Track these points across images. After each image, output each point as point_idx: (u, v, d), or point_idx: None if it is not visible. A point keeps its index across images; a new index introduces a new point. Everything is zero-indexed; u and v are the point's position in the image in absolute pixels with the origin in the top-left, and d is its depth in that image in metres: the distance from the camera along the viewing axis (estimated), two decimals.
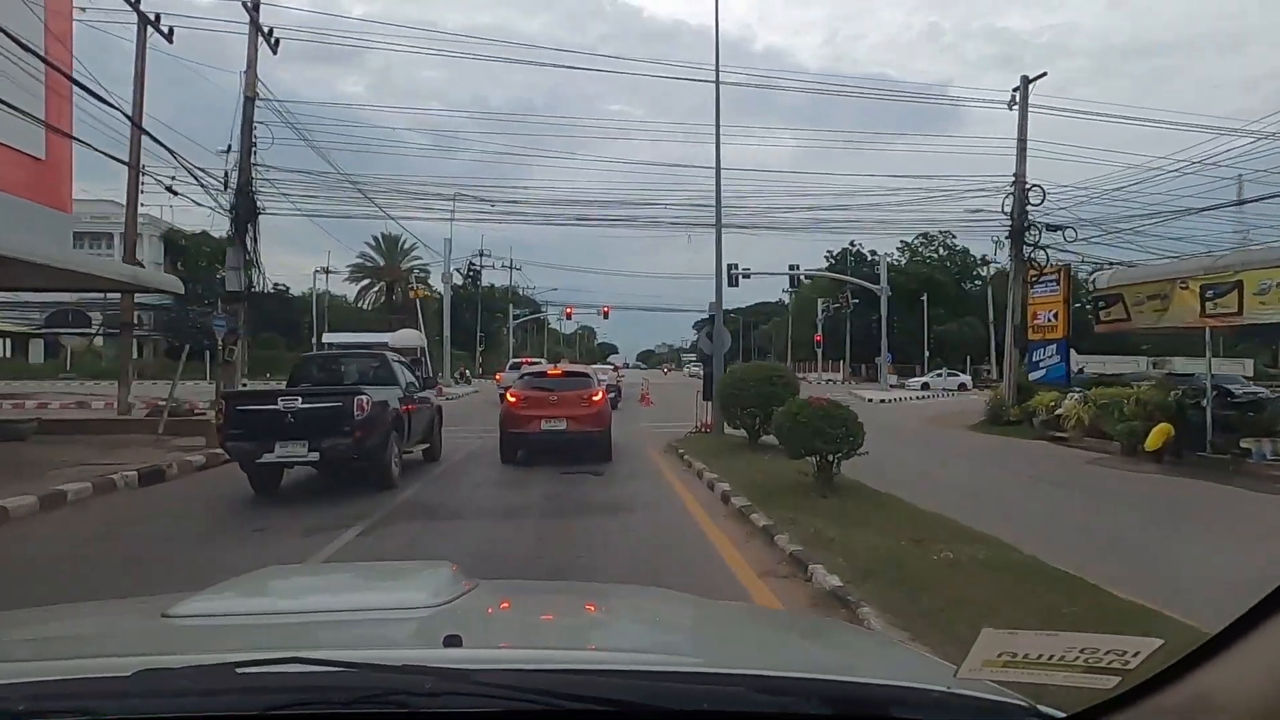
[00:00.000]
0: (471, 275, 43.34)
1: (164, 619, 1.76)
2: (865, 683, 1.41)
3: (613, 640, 1.99)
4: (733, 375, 14.34)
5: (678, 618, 2.25)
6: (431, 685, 1.16)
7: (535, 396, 14.61)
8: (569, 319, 65.09)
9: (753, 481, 10.82)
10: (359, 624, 1.81)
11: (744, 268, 43.17)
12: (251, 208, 21.64)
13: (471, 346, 61.82)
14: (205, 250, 67.62)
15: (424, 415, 14.48)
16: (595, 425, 14.43)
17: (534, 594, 2.72)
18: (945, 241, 72.23)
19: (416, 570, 2.70)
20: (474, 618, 1.89)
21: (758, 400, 13.84)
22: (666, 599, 2.65)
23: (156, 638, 1.71)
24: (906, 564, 6.40)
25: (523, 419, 14.42)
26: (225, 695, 1.17)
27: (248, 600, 2.12)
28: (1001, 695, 1.32)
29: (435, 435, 15.09)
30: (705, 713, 1.19)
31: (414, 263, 63.10)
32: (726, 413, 14.47)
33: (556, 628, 2.08)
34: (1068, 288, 25.48)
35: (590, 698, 1.16)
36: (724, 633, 2.07)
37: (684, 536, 8.48)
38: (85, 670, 1.34)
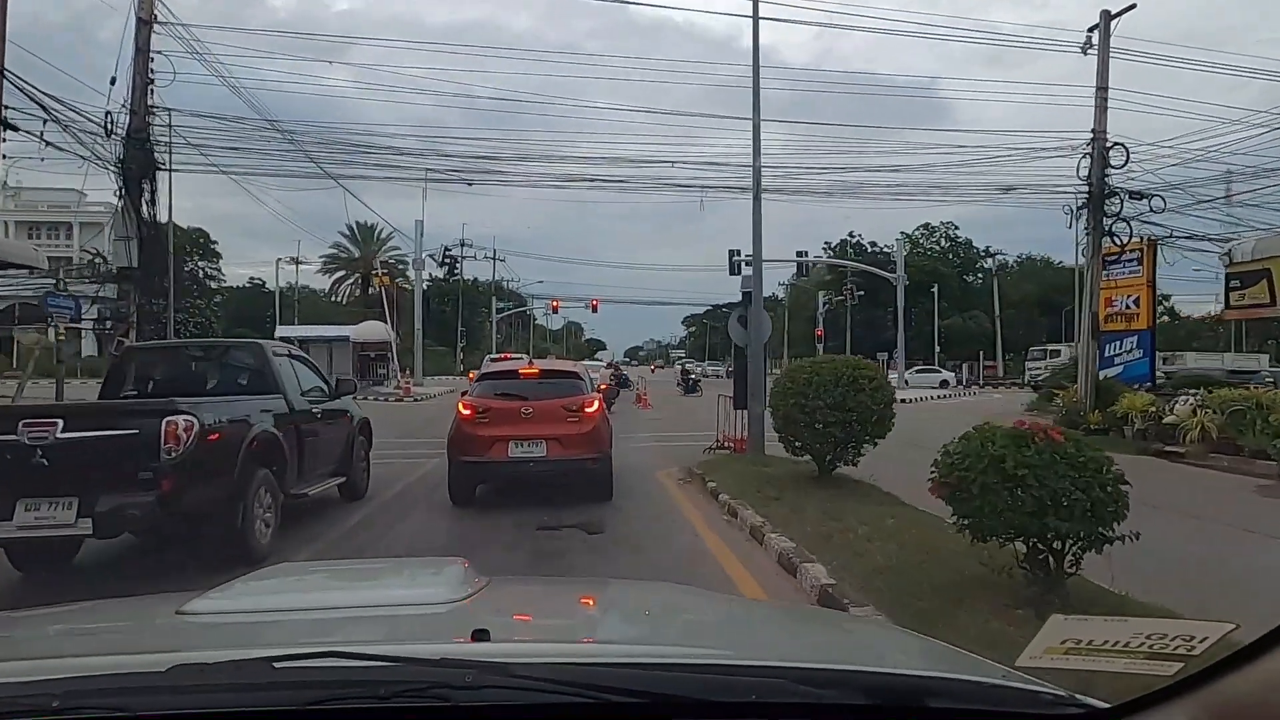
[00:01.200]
0: (448, 263, 38.34)
1: (179, 616, 1.67)
2: (902, 674, 1.35)
3: (640, 634, 1.89)
4: (795, 376, 9.35)
5: (701, 612, 2.17)
6: (472, 678, 1.11)
7: (500, 408, 9.63)
8: (555, 313, 60.15)
9: (884, 567, 5.90)
10: (381, 620, 1.72)
11: (747, 254, 38.24)
12: (147, 161, 16.56)
13: (452, 342, 56.76)
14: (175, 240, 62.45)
15: (333, 436, 9.49)
16: (589, 449, 9.48)
17: (549, 590, 2.65)
18: (947, 233, 67.86)
19: (430, 567, 2.61)
20: (496, 613, 1.80)
21: (836, 412, 8.88)
22: (686, 593, 2.63)
23: (179, 635, 1.63)
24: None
25: (481, 441, 9.44)
26: (264, 690, 1.12)
27: (262, 597, 2.00)
28: (1041, 686, 1.24)
29: (355, 463, 10.08)
30: (744, 705, 1.13)
31: (393, 253, 57.99)
32: (786, 428, 9.44)
33: (580, 622, 2.01)
34: (1152, 268, 20.73)
35: (632, 690, 1.11)
36: (753, 627, 2.02)
37: None
38: (118, 666, 1.26)
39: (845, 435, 8.99)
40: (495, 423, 9.52)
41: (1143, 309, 20.53)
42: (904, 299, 38.95)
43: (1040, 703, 1.20)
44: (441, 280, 61.35)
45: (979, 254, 67.61)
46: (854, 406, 8.86)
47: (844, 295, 53.45)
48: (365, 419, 10.77)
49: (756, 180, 11.92)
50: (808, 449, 9.45)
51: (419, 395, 29.95)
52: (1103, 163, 19.82)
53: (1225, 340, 52.45)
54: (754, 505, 8.57)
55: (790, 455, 10.06)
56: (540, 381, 10.01)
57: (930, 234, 65.26)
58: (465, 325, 59.30)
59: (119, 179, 16.35)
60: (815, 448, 9.30)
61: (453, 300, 57.57)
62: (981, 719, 1.19)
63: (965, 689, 1.25)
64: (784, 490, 9.28)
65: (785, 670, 1.25)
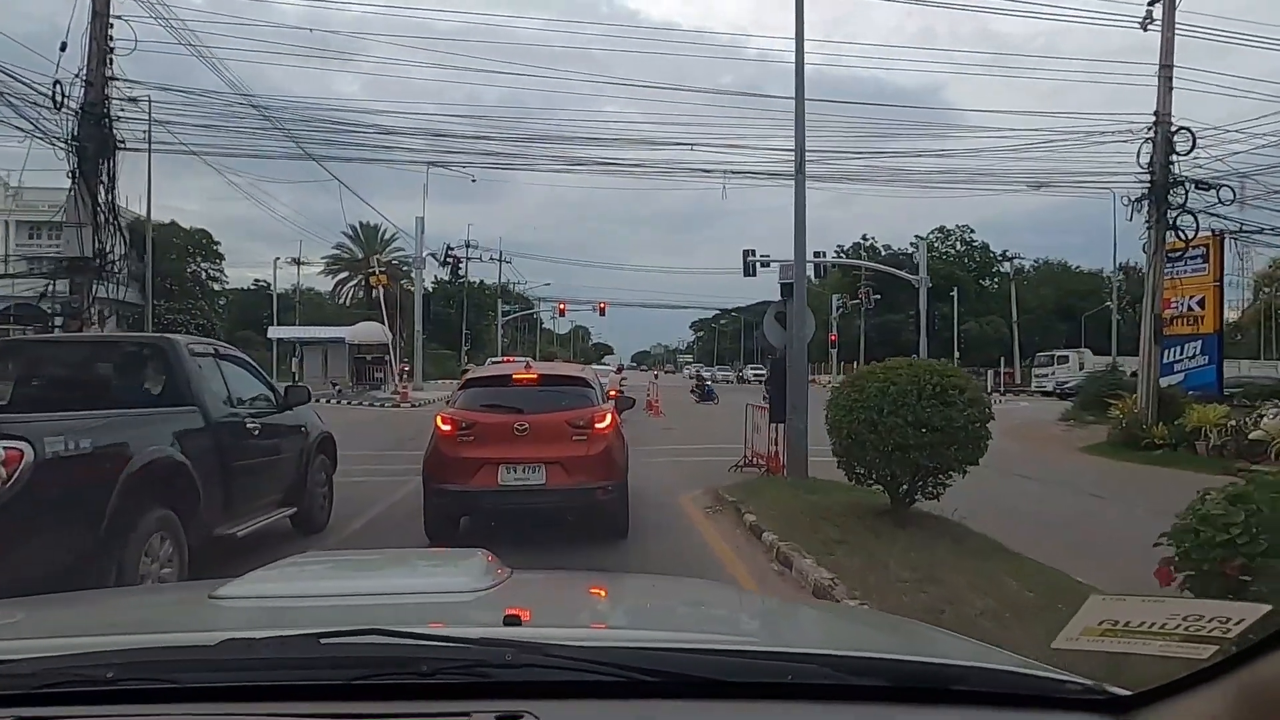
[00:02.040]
0: (450, 263, 36.30)
1: (213, 600, 1.65)
2: (928, 661, 1.34)
3: (666, 621, 1.88)
4: (863, 385, 7.17)
5: (728, 604, 2.20)
6: (512, 656, 1.12)
7: (489, 423, 7.56)
8: (562, 315, 58.09)
9: None
10: (413, 605, 1.71)
11: (762, 255, 36.15)
12: (105, 139, 14.58)
13: (456, 345, 54.78)
14: (175, 242, 60.69)
15: (278, 457, 7.46)
16: (600, 476, 7.42)
17: (574, 580, 2.60)
18: (963, 236, 65.74)
19: (454, 557, 2.63)
20: (523, 600, 1.69)
21: (920, 432, 6.77)
22: (706, 586, 2.64)
23: (218, 615, 1.61)
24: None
25: (463, 465, 7.38)
26: (310, 667, 1.13)
27: (292, 583, 1.96)
28: (1062, 674, 1.24)
29: (311, 489, 8.04)
30: (778, 685, 1.14)
31: (396, 254, 56.02)
32: (851, 451, 7.30)
33: (607, 610, 2.02)
34: (1219, 265, 18.63)
35: (669, 672, 1.12)
36: (780, 618, 2.05)
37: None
38: (167, 642, 1.29)
39: (931, 461, 6.88)
40: (482, 441, 7.46)
41: (1209, 310, 18.40)
42: (926, 302, 36.68)
43: (1064, 690, 1.18)
44: (447, 282, 59.37)
45: (995, 258, 65.38)
46: (942, 424, 6.76)
47: (859, 299, 51.22)
48: (326, 434, 8.72)
49: (800, 151, 9.86)
50: (878, 477, 7.33)
51: (418, 400, 27.95)
52: (1167, 149, 17.71)
53: (1247, 348, 50.22)
54: (813, 552, 6.49)
55: (849, 481, 7.92)
56: (539, 390, 7.93)
57: (946, 237, 63.07)
58: (470, 328, 57.37)
59: (72, 158, 14.42)
60: (889, 476, 7.17)
61: (457, 302, 55.70)
62: (1004, 703, 1.17)
63: (988, 676, 1.25)
64: (848, 530, 7.19)
65: (815, 656, 1.25)
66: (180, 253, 59.75)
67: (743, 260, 35.99)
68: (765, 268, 37.42)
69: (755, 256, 35.62)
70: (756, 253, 35.76)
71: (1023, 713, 1.17)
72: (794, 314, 10.05)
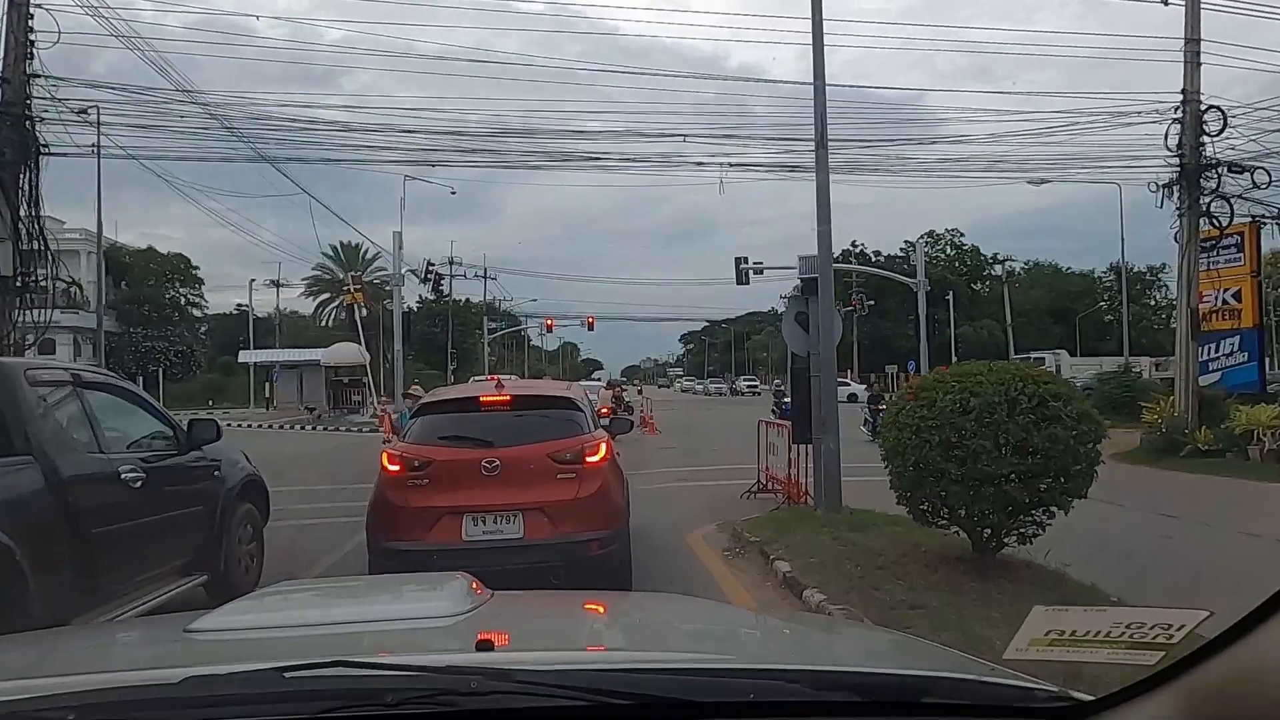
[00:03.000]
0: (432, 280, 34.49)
1: (187, 634, 1.63)
2: (895, 673, 1.34)
3: (643, 641, 1.87)
4: (930, 397, 5.37)
5: (702, 621, 2.17)
6: (477, 684, 1.09)
7: (449, 461, 5.81)
8: (550, 331, 56.32)
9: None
10: (388, 633, 1.70)
11: (755, 261, 34.52)
12: (24, 143, 12.79)
13: (443, 365, 52.93)
14: (153, 268, 58.74)
15: (175, 513, 5.68)
16: (594, 525, 5.69)
17: (554, 602, 2.62)
18: (952, 240, 64.53)
19: (433, 582, 2.47)
20: (500, 624, 1.72)
21: (1011, 459, 5.03)
22: (687, 603, 2.60)
23: (188, 651, 1.59)
24: None
25: (417, 517, 5.62)
26: (274, 701, 1.09)
27: (269, 614, 1.91)
28: (1028, 681, 1.26)
29: (229, 549, 6.26)
30: (742, 705, 1.13)
31: (379, 274, 54.20)
32: (919, 483, 5.51)
33: (585, 631, 2.01)
34: (1256, 254, 17.12)
35: (631, 694, 1.10)
36: (751, 634, 2.00)
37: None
38: (131, 680, 1.27)
39: (1027, 495, 5.15)
40: (440, 485, 5.72)
41: (1246, 303, 16.85)
42: (925, 306, 35.11)
43: (1029, 697, 1.19)
44: (432, 301, 57.61)
45: (986, 261, 64.13)
46: (1044, 447, 5.04)
47: (853, 305, 49.69)
48: (252, 477, 6.93)
49: (821, 121, 8.18)
50: (954, 515, 5.58)
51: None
52: (1196, 129, 16.21)
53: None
54: (881, 622, 4.74)
55: (913, 519, 6.16)
56: (514, 415, 6.18)
57: (935, 242, 61.73)
58: (456, 347, 55.54)
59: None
60: (972, 514, 5.42)
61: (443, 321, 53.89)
62: (973, 714, 1.17)
63: (957, 686, 1.24)
64: (917, 586, 5.46)
65: (782, 673, 1.23)
66: (158, 278, 57.93)
67: (735, 268, 34.17)
68: (759, 275, 36.00)
69: (748, 264, 34.00)
70: (749, 260, 34.18)
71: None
72: (819, 314, 8.35)
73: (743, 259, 35.00)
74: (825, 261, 8.30)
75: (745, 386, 67.13)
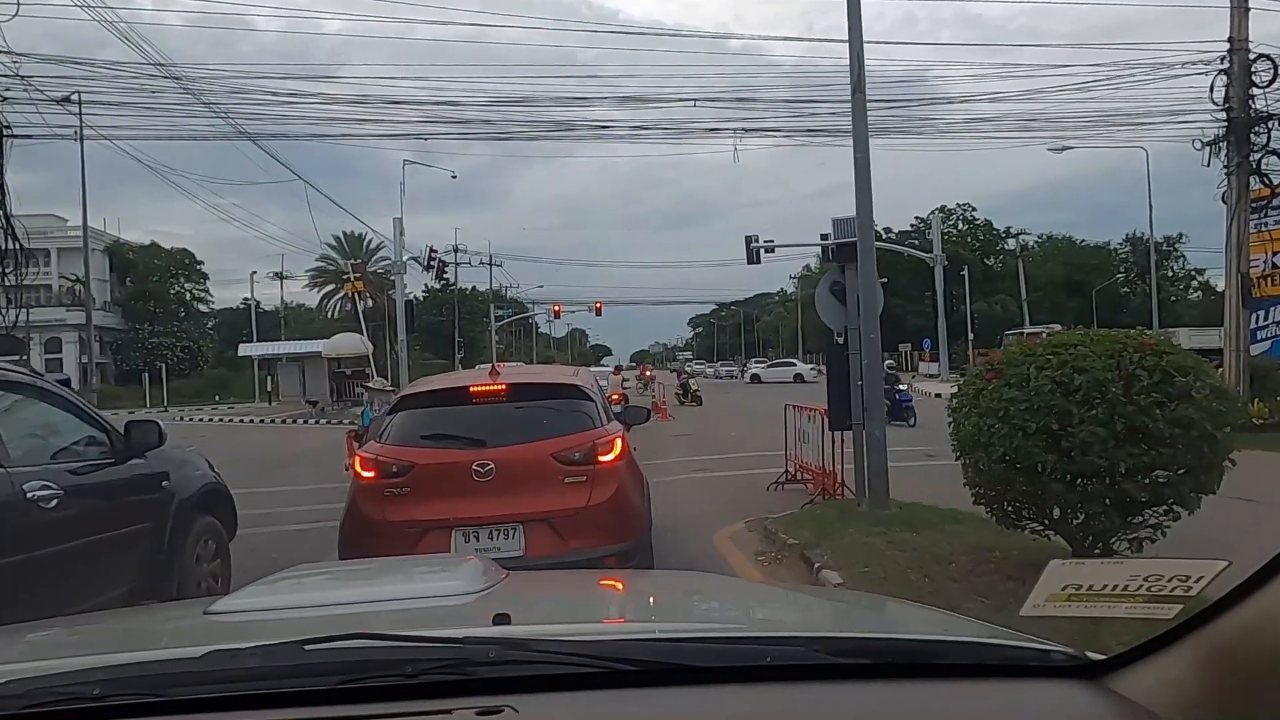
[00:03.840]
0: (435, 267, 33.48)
1: (207, 615, 1.63)
2: (908, 638, 1.35)
3: (660, 613, 1.85)
4: (1021, 374, 4.31)
5: (720, 594, 2.13)
6: (495, 654, 1.11)
7: (433, 463, 4.81)
8: (557, 318, 55.13)
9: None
10: (405, 611, 1.68)
11: (766, 240, 33.31)
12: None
13: (450, 354, 52.05)
14: (157, 263, 57.96)
15: (110, 535, 4.72)
16: (608, 536, 4.69)
17: (571, 580, 2.57)
18: (965, 215, 63.11)
19: (449, 563, 2.60)
20: (517, 600, 1.71)
21: (1129, 448, 3.98)
22: (702, 579, 2.58)
23: (209, 631, 1.58)
24: None
25: (395, 532, 4.62)
26: (296, 674, 1.12)
27: (288, 595, 1.90)
28: (1040, 642, 1.24)
29: (182, 572, 5.29)
30: (758, 669, 1.13)
31: (383, 263, 53.27)
32: (1002, 476, 4.44)
33: (603, 605, 2.00)
34: None
35: (649, 660, 1.12)
36: (766, 605, 2.02)
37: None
38: (156, 656, 1.32)
39: (1146, 493, 4.11)
40: (424, 493, 4.72)
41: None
42: (943, 281, 33.92)
43: (1043, 658, 1.19)
44: (438, 290, 56.64)
45: (1000, 235, 62.67)
46: (1172, 433, 3.99)
47: None
48: (212, 486, 5.94)
49: (857, 64, 7.05)
50: (1048, 516, 4.53)
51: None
52: (1245, 80, 14.98)
53: None
54: None
55: (992, 518, 5.09)
56: (512, 407, 5.15)
57: (948, 217, 60.27)
58: (463, 335, 54.62)
59: None
60: (1077, 516, 4.35)
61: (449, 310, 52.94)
62: (985, 674, 1.17)
63: (968, 649, 1.25)
64: (1002, 602, 4.42)
65: (795, 639, 1.24)
66: (163, 274, 57.15)
67: (745, 247, 33.03)
68: (769, 253, 34.75)
69: (759, 242, 32.83)
70: (760, 238, 32.98)
71: (1004, 682, 1.16)
72: (860, 283, 7.27)
73: (753, 237, 33.69)
74: (865, 222, 7.21)
75: (724, 371, 66.10)
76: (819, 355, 52.22)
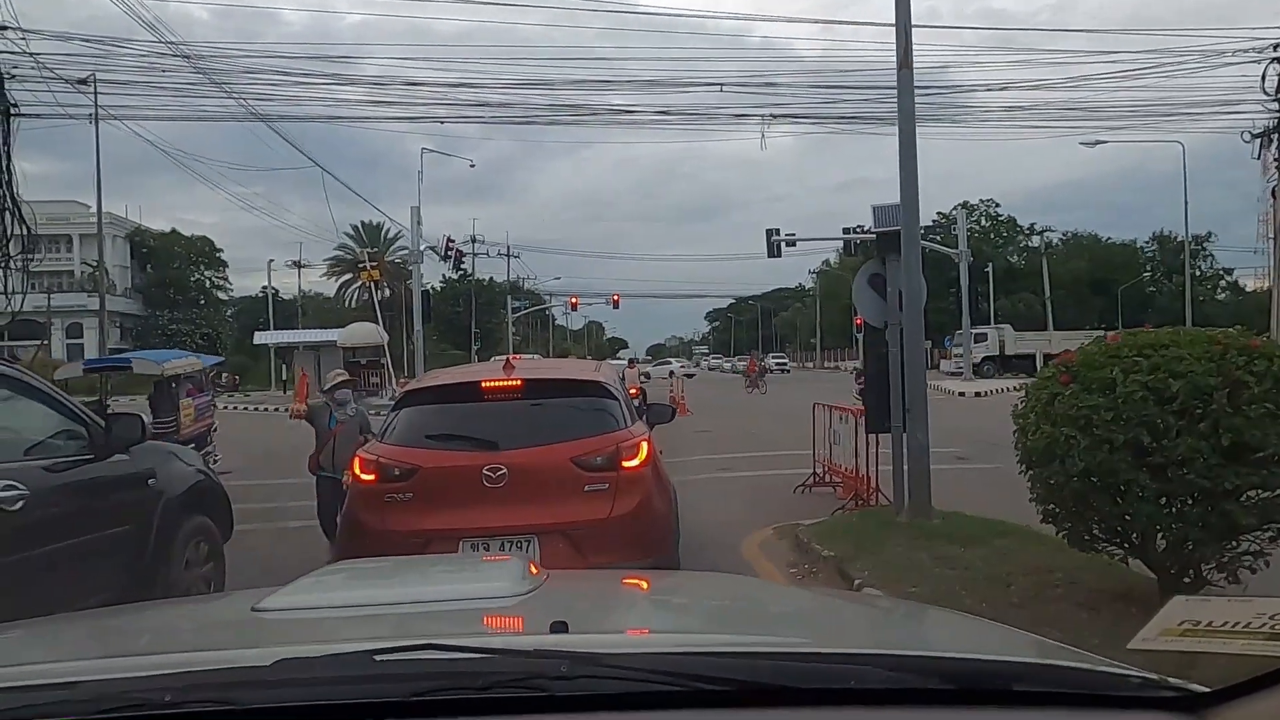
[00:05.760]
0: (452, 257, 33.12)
1: (256, 613, 1.58)
2: (986, 659, 1.23)
3: (720, 623, 1.79)
4: (1103, 379, 3.79)
5: (775, 602, 2.11)
6: (567, 668, 1.06)
7: (439, 467, 4.35)
8: (575, 310, 54.69)
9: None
10: (458, 614, 1.64)
11: (787, 233, 32.69)
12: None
13: (467, 345, 51.78)
14: (177, 251, 58.07)
15: (83, 540, 4.29)
16: (632, 550, 4.21)
17: (612, 582, 2.41)
18: (987, 211, 62.03)
19: (489, 561, 2.65)
20: (567, 605, 1.68)
21: (1235, 467, 3.43)
22: (752, 584, 2.60)
23: (266, 631, 1.55)
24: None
25: (397, 542, 4.14)
26: (367, 683, 1.08)
27: (335, 593, 1.88)
28: (1132, 670, 1.13)
29: (168, 576, 4.87)
30: (830, 692, 1.08)
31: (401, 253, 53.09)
32: (1080, 495, 3.90)
33: (654, 611, 1.93)
34: None
35: (727, 679, 1.07)
36: (830, 616, 1.91)
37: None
38: (221, 661, 1.25)
39: (1255, 514, 3.56)
40: (429, 500, 4.26)
41: None
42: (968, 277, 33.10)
43: (1134, 688, 1.09)
44: (455, 281, 56.35)
45: (1023, 231, 61.54)
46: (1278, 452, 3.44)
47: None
48: (204, 483, 5.51)
49: (905, 36, 6.48)
50: (1123, 537, 3.99)
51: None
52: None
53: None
54: None
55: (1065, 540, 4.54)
56: (527, 405, 4.66)
57: (970, 212, 59.23)
58: (480, 326, 54.35)
59: None
60: (1167, 539, 3.80)
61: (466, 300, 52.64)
62: (1071, 702, 1.08)
63: (1054, 674, 1.16)
64: (1077, 634, 3.90)
65: (872, 657, 1.17)
66: (183, 262, 57.23)
67: (766, 240, 32.45)
68: (790, 246, 34.11)
69: (780, 235, 32.20)
70: (781, 231, 32.34)
71: (1091, 712, 1.07)
72: (902, 275, 6.71)
73: (774, 230, 33.19)
74: (910, 209, 6.65)
75: (774, 364, 65.35)
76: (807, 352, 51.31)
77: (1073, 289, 56.72)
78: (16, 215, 11.72)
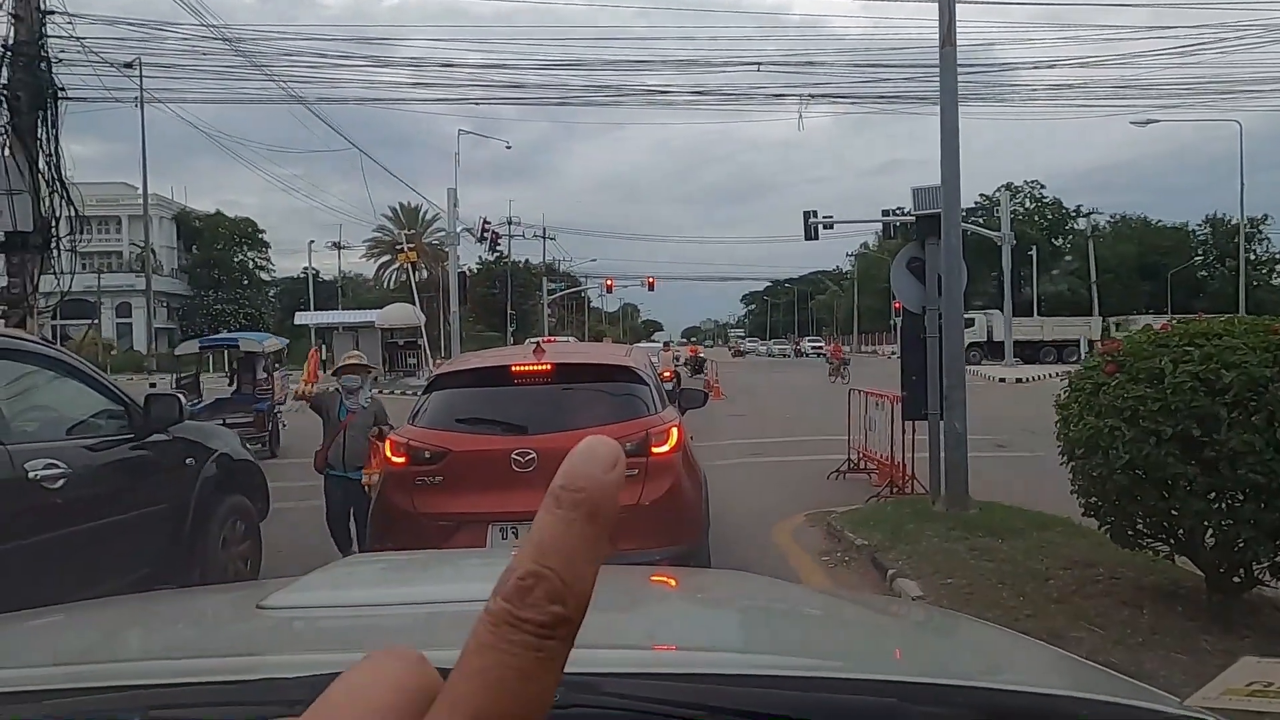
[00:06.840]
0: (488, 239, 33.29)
1: (260, 610, 1.51)
2: (1023, 691, 1.13)
3: (733, 637, 1.72)
4: (1151, 370, 3.67)
5: (796, 609, 1.94)
6: (560, 696, 0.72)
7: (470, 451, 4.34)
8: (610, 292, 54.72)
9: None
10: (457, 618, 1.41)
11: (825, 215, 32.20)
12: (42, 86, 11.70)
13: (503, 327, 52.13)
14: (222, 231, 59.19)
15: (124, 518, 4.38)
16: (662, 537, 4.17)
17: (633, 583, 2.11)
18: (1032, 193, 60.53)
19: (497, 558, 2.48)
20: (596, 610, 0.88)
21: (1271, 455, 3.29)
22: (767, 584, 2.33)
23: (264, 632, 1.49)
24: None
25: (426, 526, 4.18)
26: None
27: (342, 591, 1.82)
28: (1184, 709, 1.08)
29: (204, 556, 4.96)
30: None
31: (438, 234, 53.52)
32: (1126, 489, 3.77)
33: (669, 622, 1.77)
34: None
35: (735, 710, 0.97)
36: (859, 630, 1.77)
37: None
38: (206, 667, 1.22)
39: None
40: (459, 484, 4.26)
41: None
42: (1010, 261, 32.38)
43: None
44: (491, 263, 56.69)
45: (1069, 214, 59.94)
46: None
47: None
48: (244, 462, 5.61)
49: (948, 12, 6.28)
50: (1169, 533, 3.86)
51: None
52: None
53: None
54: None
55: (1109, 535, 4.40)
56: (558, 390, 4.65)
57: (1015, 194, 57.84)
58: (515, 309, 54.67)
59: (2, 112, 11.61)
60: (1217, 537, 3.67)
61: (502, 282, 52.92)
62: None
63: (1096, 709, 1.04)
64: (1121, 635, 3.79)
65: (908, 686, 1.07)
66: (226, 243, 58.33)
67: (803, 222, 32.02)
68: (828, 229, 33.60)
69: (817, 218, 31.75)
70: (819, 213, 31.89)
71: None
72: (942, 259, 6.54)
73: (811, 213, 32.63)
74: (951, 192, 6.46)
75: (810, 348, 64.76)
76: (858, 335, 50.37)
77: (1120, 273, 55.23)
78: (65, 197, 11.94)
